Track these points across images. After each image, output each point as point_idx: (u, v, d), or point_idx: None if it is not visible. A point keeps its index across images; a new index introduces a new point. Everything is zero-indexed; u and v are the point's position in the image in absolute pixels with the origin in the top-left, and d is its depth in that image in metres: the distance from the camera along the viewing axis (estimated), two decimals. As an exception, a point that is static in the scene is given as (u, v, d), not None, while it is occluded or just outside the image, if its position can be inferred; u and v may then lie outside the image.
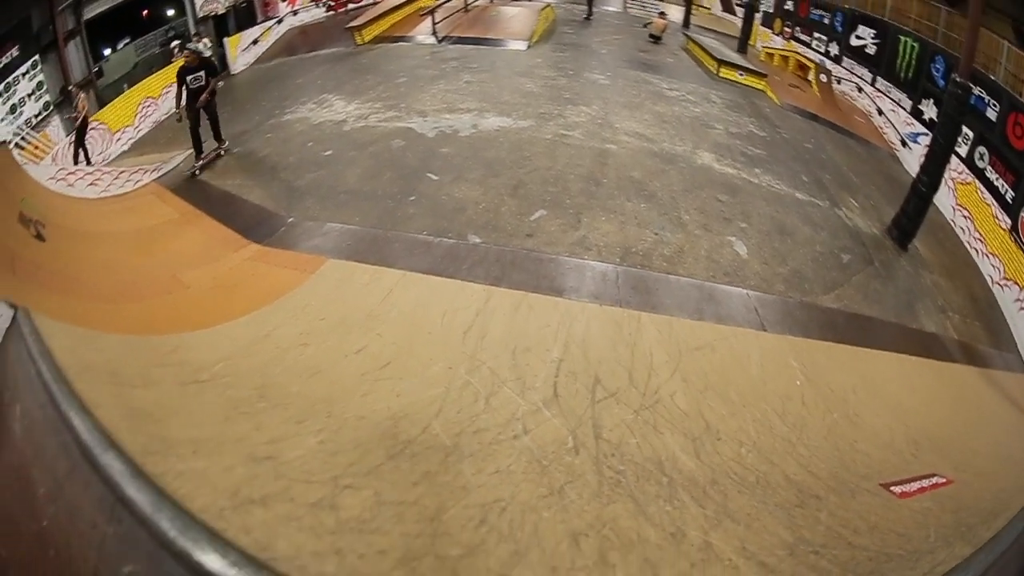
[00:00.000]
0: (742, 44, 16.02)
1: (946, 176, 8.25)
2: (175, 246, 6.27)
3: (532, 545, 2.34)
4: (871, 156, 11.25)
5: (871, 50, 14.48)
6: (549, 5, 16.46)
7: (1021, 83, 9.01)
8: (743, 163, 8.32)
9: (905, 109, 12.71)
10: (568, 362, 3.92)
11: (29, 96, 9.20)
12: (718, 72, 13.23)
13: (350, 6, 16.98)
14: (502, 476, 2.83)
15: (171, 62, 11.09)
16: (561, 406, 3.50)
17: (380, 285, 4.83)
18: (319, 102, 9.77)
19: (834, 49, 16.08)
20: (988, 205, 8.62)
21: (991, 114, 9.41)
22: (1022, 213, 8.10)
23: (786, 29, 18.07)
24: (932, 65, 12.01)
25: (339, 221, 6.15)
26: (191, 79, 7.64)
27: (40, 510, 2.16)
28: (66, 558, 2.04)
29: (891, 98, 13.37)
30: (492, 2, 17.16)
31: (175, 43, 11.55)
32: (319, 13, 17.02)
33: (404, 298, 4.63)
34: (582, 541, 2.45)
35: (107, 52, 11.12)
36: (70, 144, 8.99)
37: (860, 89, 14.56)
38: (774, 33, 18.51)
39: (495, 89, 10.04)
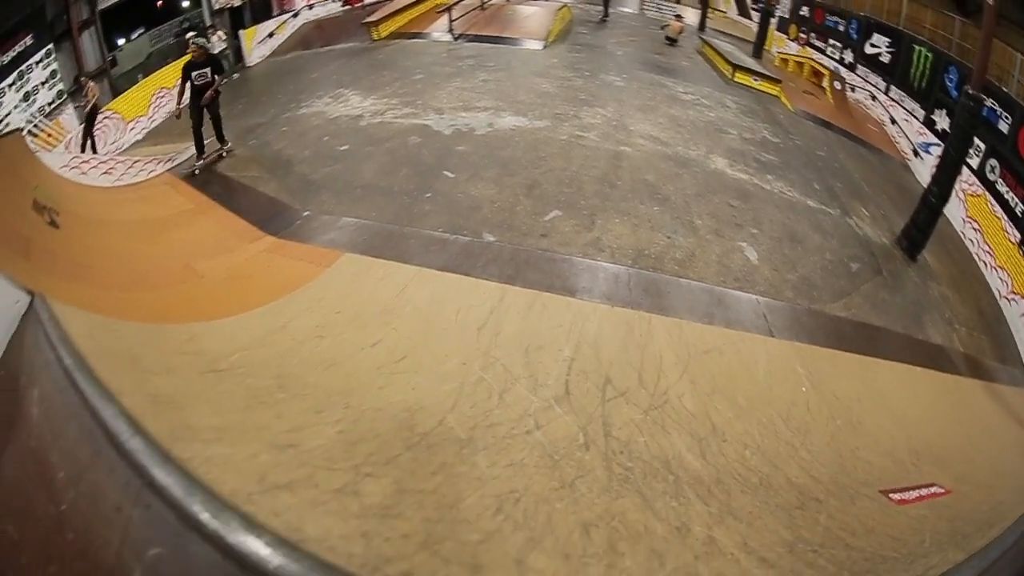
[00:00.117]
0: (757, 49, 16.03)
1: (957, 188, 8.24)
2: (189, 236, 6.25)
3: (546, 533, 2.45)
4: (883, 165, 11.21)
5: (885, 58, 14.44)
6: (566, 5, 16.49)
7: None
8: (756, 169, 8.33)
9: (918, 119, 12.66)
10: (580, 361, 3.97)
11: (43, 84, 9.26)
12: (733, 77, 13.23)
13: (366, 1, 16.98)
14: (516, 469, 2.92)
15: (186, 53, 11.24)
16: (572, 404, 3.57)
17: (395, 280, 4.84)
18: (335, 96, 9.78)
19: (848, 56, 16.04)
20: (998, 218, 8.59)
21: (1003, 126, 9.41)
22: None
23: (801, 35, 18.05)
24: (945, 75, 11.98)
25: (355, 216, 6.12)
26: (196, 75, 7.45)
27: (59, 494, 2.22)
28: (86, 541, 2.08)
29: (904, 107, 13.32)
30: (509, 1, 17.19)
31: (190, 35, 11.69)
32: (335, 7, 17.06)
33: (419, 294, 4.66)
34: (592, 531, 2.55)
35: (121, 42, 11.18)
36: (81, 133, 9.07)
37: (874, 97, 14.51)
38: (789, 39, 18.50)
39: (511, 88, 10.07)
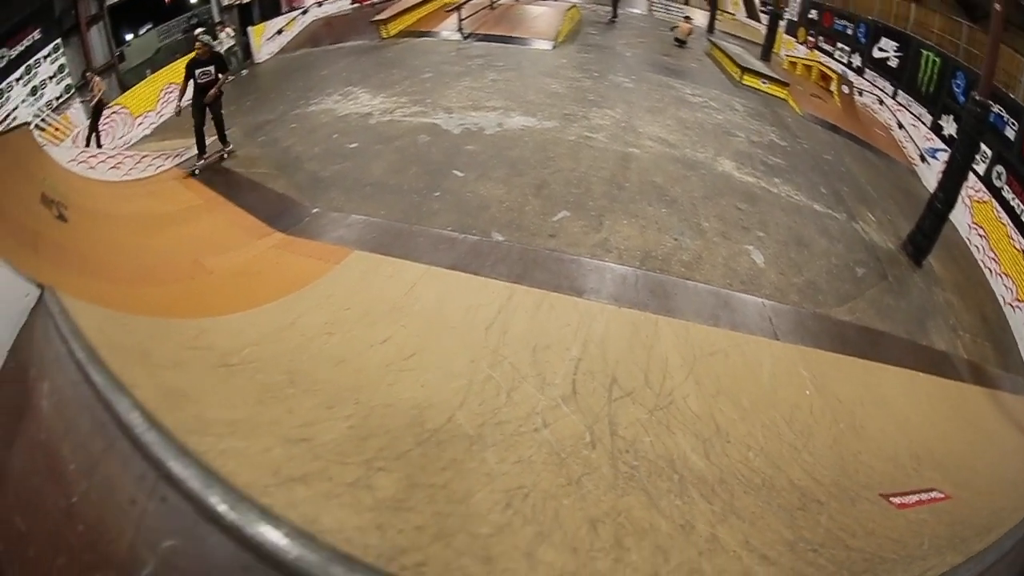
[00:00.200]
0: (766, 52, 16.05)
1: (963, 194, 8.26)
2: (198, 232, 6.26)
3: (554, 528, 2.49)
4: (890, 170, 11.22)
5: (893, 63, 14.45)
6: (575, 6, 16.53)
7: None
8: (763, 172, 8.36)
9: (925, 124, 12.67)
10: (587, 361, 4.01)
11: (50, 79, 9.39)
12: (741, 79, 13.25)
13: (375, -1, 17.10)
14: (524, 465, 2.96)
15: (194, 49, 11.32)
16: (579, 403, 3.61)
17: (404, 278, 4.86)
18: (344, 94, 9.84)
19: (856, 60, 16.05)
20: (1004, 225, 8.60)
21: (1010, 133, 9.42)
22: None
23: (809, 38, 18.05)
24: (953, 81, 11.99)
25: (364, 213, 6.16)
26: (199, 73, 7.35)
27: (70, 486, 2.18)
28: (97, 533, 2.06)
29: (912, 112, 13.32)
30: (518, 1, 17.23)
31: (199, 31, 11.75)
32: (344, 4, 17.17)
33: (428, 292, 4.69)
34: (599, 527, 2.59)
35: (129, 37, 11.30)
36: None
37: (881, 102, 14.52)
38: (798, 42, 18.49)
39: (520, 88, 10.11)
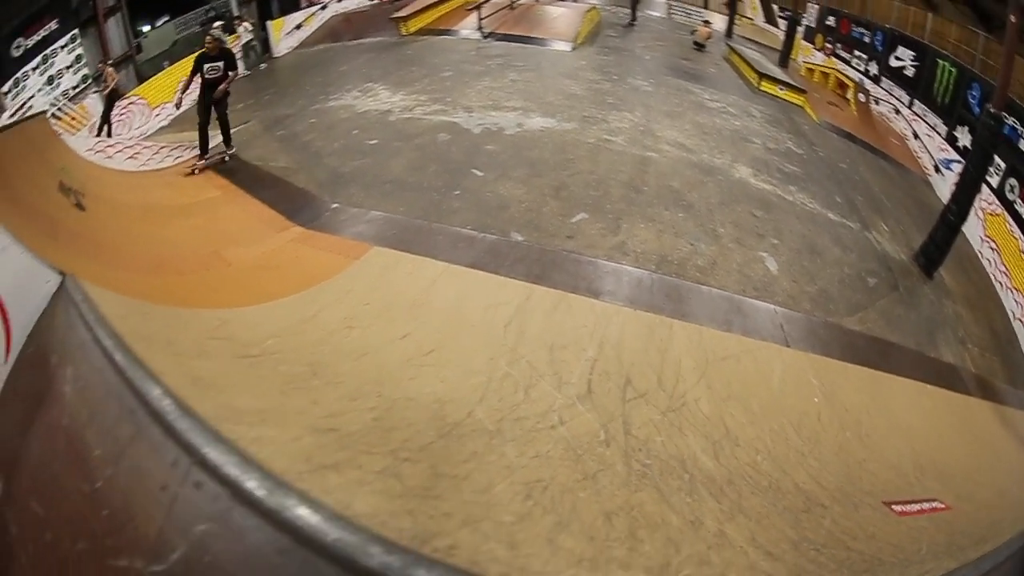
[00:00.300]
0: (783, 58, 15.98)
1: (976, 206, 8.27)
2: (216, 223, 6.28)
3: (572, 519, 2.62)
4: (904, 180, 11.22)
5: (910, 72, 14.36)
6: (594, 7, 16.55)
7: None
8: (779, 179, 8.39)
9: (940, 135, 12.58)
10: (602, 362, 4.09)
11: (67, 68, 9.38)
12: (759, 85, 13.24)
13: (395, -4, 17.15)
14: (542, 460, 3.07)
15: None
16: (594, 402, 3.69)
17: (424, 275, 4.93)
18: (364, 90, 9.88)
19: (873, 69, 15.97)
20: (1016, 239, 8.57)
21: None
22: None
23: (827, 45, 17.98)
24: (968, 92, 11.90)
25: (383, 210, 6.19)
26: (208, 68, 7.19)
27: (94, 472, 2.25)
28: (124, 518, 2.13)
29: (927, 122, 13.24)
30: (538, 1, 17.27)
31: (217, 24, 11.77)
32: (363, 1, 17.14)
33: (447, 289, 4.75)
34: (614, 519, 2.72)
35: (146, 29, 11.36)
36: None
37: (897, 111, 14.44)
38: (815, 48, 18.43)
39: (540, 89, 10.16)
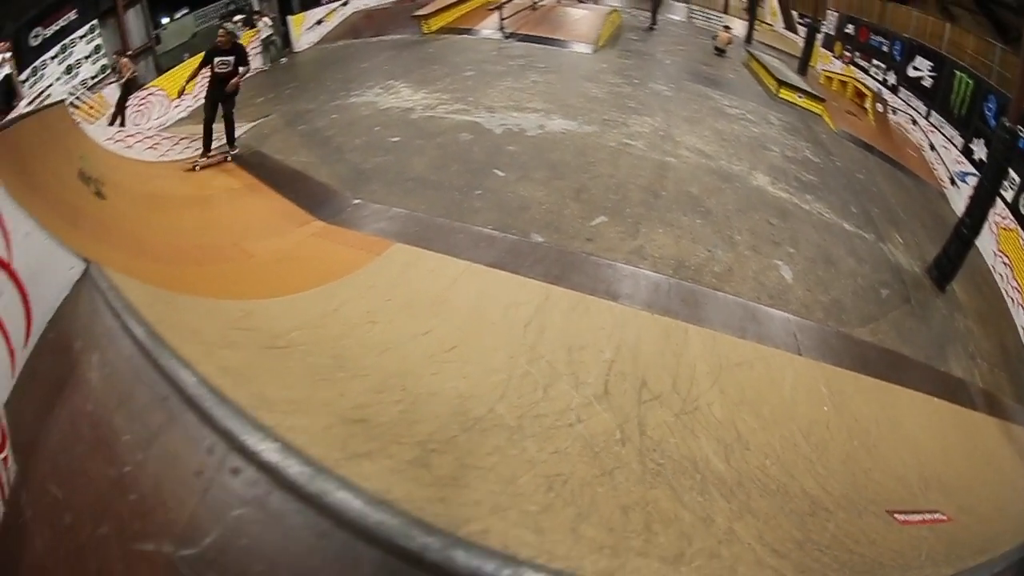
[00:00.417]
0: (803, 65, 15.96)
1: (990, 220, 8.27)
2: (236, 215, 6.36)
3: (592, 511, 2.76)
4: (920, 192, 11.23)
5: (927, 83, 14.32)
6: (616, 10, 16.58)
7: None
8: (796, 188, 8.42)
9: (956, 147, 12.53)
10: (619, 363, 4.16)
11: (86, 58, 9.56)
12: (778, 92, 13.25)
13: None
14: (561, 456, 3.19)
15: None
16: (611, 402, 3.78)
17: (445, 273, 5.00)
18: (386, 88, 9.94)
19: (891, 78, 15.92)
20: (1029, 254, 8.56)
21: (1038, 160, 9.35)
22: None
23: (846, 53, 17.93)
24: (985, 104, 11.85)
25: (405, 208, 6.22)
26: (218, 62, 7.13)
27: (122, 457, 2.30)
28: (154, 503, 2.19)
29: (944, 134, 13.18)
30: (560, 2, 17.31)
31: (237, 17, 11.88)
32: (385, -2, 17.17)
33: (468, 288, 4.81)
34: (630, 513, 2.86)
35: (165, 21, 11.51)
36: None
37: (914, 122, 14.40)
38: (834, 56, 18.40)
39: (561, 91, 10.22)
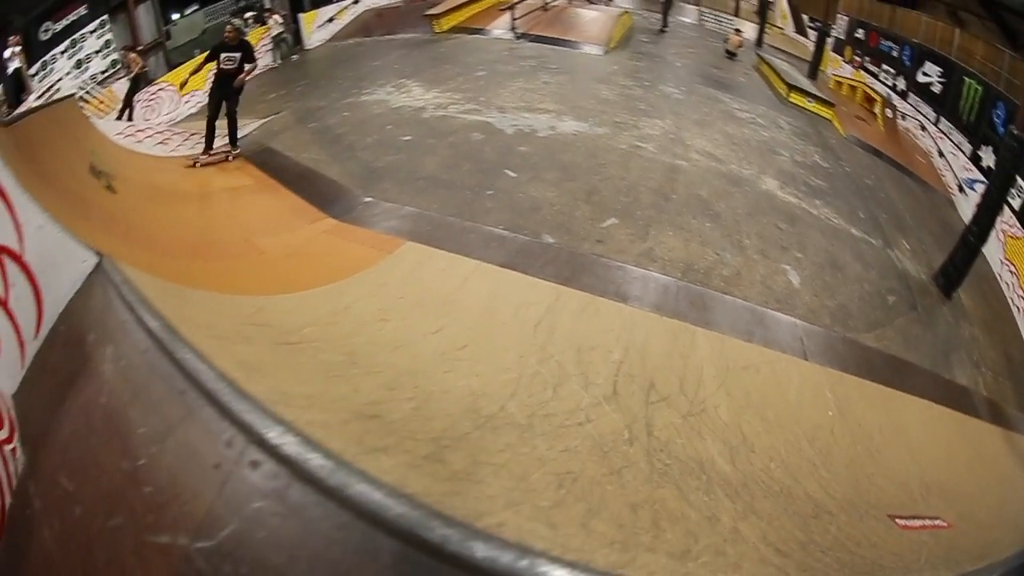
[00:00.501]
0: (813, 70, 15.96)
1: (997, 228, 8.26)
2: (247, 211, 6.41)
3: (602, 508, 2.84)
4: (928, 198, 11.23)
5: (936, 89, 14.22)
6: (627, 12, 16.60)
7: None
8: (805, 193, 8.44)
9: (965, 153, 12.45)
10: (627, 365, 4.21)
11: (96, 53, 9.56)
12: (788, 96, 13.25)
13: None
14: (571, 454, 3.25)
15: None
16: (619, 403, 3.84)
17: (457, 272, 5.04)
18: (397, 86, 9.98)
19: (901, 84, 15.82)
20: (1035, 264, 8.56)
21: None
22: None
23: (856, 58, 17.89)
24: (994, 111, 11.76)
25: (416, 207, 6.25)
26: (224, 58, 7.13)
27: (137, 449, 2.28)
28: (169, 495, 2.17)
29: (952, 140, 13.10)
30: (571, 3, 17.34)
31: (247, 15, 11.94)
32: (397, -4, 17.18)
33: (479, 287, 4.85)
34: (639, 510, 2.93)
35: (175, 17, 11.55)
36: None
37: (923, 128, 14.31)
38: (844, 60, 18.36)
39: (572, 93, 10.25)
